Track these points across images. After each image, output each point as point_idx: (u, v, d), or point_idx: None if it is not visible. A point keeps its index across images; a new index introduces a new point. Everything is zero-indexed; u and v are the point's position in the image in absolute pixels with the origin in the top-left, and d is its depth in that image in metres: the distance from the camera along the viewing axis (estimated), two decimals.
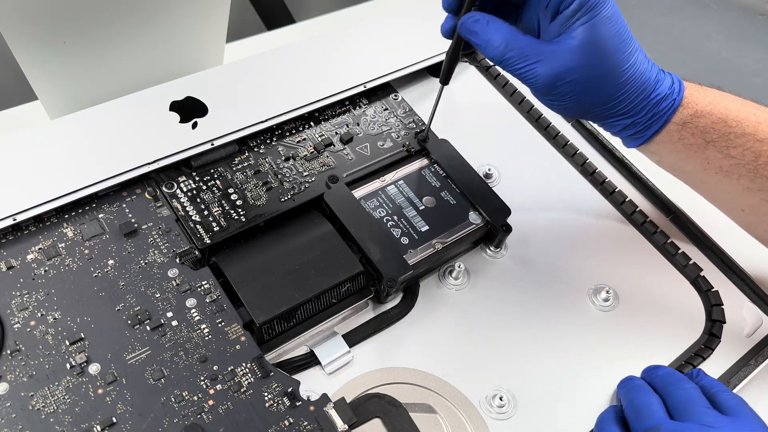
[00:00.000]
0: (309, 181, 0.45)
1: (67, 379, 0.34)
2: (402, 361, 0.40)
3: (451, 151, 0.47)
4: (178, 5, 0.48)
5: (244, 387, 0.35)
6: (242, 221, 0.42)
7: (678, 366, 0.41)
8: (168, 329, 0.36)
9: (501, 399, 0.39)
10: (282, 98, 0.48)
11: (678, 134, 0.38)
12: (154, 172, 0.43)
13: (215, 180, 0.44)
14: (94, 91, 0.49)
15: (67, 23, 0.44)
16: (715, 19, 0.76)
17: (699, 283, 0.45)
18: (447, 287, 0.44)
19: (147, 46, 0.50)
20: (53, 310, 0.36)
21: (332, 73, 0.50)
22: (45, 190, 0.40)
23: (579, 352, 0.42)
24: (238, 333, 0.37)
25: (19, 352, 0.35)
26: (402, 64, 0.52)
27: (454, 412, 0.38)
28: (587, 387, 0.40)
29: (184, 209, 0.42)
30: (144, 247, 0.40)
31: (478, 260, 0.46)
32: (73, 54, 0.46)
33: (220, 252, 0.41)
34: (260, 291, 0.38)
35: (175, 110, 0.46)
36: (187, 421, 0.33)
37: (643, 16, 0.75)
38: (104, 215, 0.41)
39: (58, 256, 0.39)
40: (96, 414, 0.33)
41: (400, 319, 0.42)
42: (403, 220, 0.44)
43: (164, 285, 0.38)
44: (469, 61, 0.57)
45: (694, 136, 0.37)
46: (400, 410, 0.37)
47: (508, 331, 0.42)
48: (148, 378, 0.34)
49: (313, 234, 0.42)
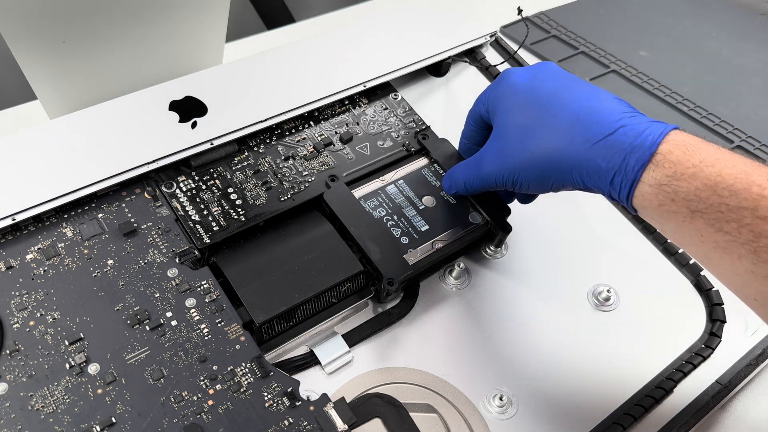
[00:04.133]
0: (309, 181, 0.45)
1: (67, 379, 0.34)
2: (402, 361, 0.40)
3: (451, 151, 0.47)
4: (178, 5, 0.48)
5: (243, 387, 0.35)
6: (242, 221, 0.42)
7: (678, 366, 0.41)
8: (167, 329, 0.36)
9: (501, 399, 0.39)
10: (281, 98, 0.47)
11: (656, 198, 0.31)
12: (153, 171, 0.43)
13: (215, 180, 0.44)
14: (94, 91, 0.49)
15: (67, 22, 0.44)
16: (715, 18, 0.76)
17: (700, 282, 0.45)
18: (447, 287, 0.44)
19: (146, 45, 0.50)
20: (52, 310, 0.36)
21: (332, 73, 0.50)
22: (44, 189, 0.40)
23: (579, 352, 0.42)
24: (238, 333, 0.37)
25: (18, 352, 0.35)
26: (402, 63, 0.52)
27: (454, 412, 0.38)
28: (587, 387, 0.40)
29: (183, 209, 0.42)
30: (143, 247, 0.40)
31: (478, 260, 0.46)
32: (73, 53, 0.46)
33: (220, 252, 0.41)
34: (260, 291, 0.38)
35: (175, 110, 0.46)
36: (187, 421, 0.33)
37: (643, 16, 0.75)
38: (103, 215, 0.41)
39: (57, 256, 0.39)
40: (95, 414, 0.33)
41: (400, 319, 0.42)
42: (403, 220, 0.44)
43: (164, 285, 0.38)
44: (470, 62, 0.57)
45: (675, 203, 0.30)
46: (400, 410, 0.37)
47: (508, 331, 0.42)
48: (147, 378, 0.34)
49: (313, 234, 0.42)
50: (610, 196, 0.33)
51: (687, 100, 0.64)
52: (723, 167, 0.29)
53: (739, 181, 0.28)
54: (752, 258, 0.28)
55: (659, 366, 0.41)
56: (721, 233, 0.29)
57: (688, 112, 0.62)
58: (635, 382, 0.41)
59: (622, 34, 0.72)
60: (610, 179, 0.31)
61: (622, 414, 0.39)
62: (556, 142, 0.33)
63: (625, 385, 0.40)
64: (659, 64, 0.68)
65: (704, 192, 0.29)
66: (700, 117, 0.62)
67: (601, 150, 0.32)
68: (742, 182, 0.28)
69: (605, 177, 0.32)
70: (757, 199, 0.28)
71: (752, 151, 0.59)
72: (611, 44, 0.70)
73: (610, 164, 0.31)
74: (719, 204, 0.29)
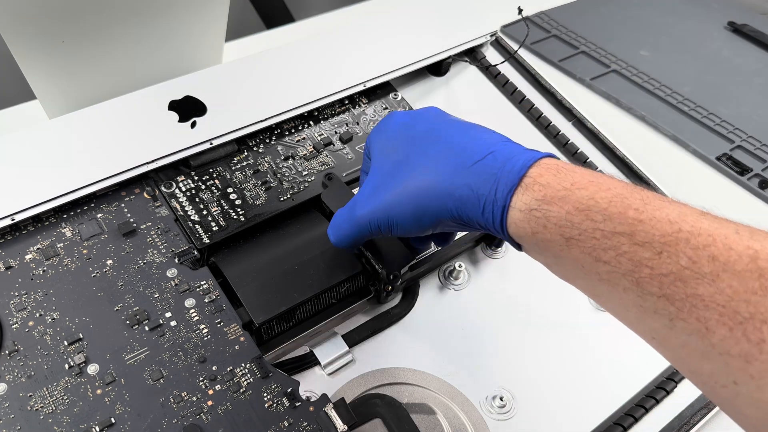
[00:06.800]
0: (308, 181, 0.45)
1: (66, 380, 0.34)
2: (402, 361, 0.40)
3: None
4: (178, 4, 0.48)
5: (243, 387, 0.35)
6: (241, 221, 0.42)
7: None
8: (167, 329, 0.36)
9: (501, 399, 0.38)
10: (281, 97, 0.47)
11: (528, 225, 0.28)
12: (152, 171, 0.43)
13: (214, 179, 0.44)
14: (93, 90, 0.49)
15: (66, 22, 0.44)
16: (716, 18, 0.76)
17: None
18: (447, 287, 0.44)
19: (146, 45, 0.50)
20: (52, 310, 0.36)
21: (332, 72, 0.50)
22: (43, 189, 0.40)
23: (579, 352, 0.42)
24: (237, 333, 0.37)
25: (17, 352, 0.34)
26: (402, 63, 0.52)
27: (454, 412, 0.38)
28: (587, 387, 0.40)
29: (182, 209, 0.42)
30: (143, 247, 0.40)
31: (478, 260, 0.46)
32: (72, 53, 0.46)
33: (219, 252, 0.41)
34: (259, 291, 0.38)
35: (174, 109, 0.45)
36: (186, 421, 0.33)
37: (643, 16, 0.75)
38: (103, 215, 0.41)
39: (56, 256, 0.38)
40: (95, 414, 0.33)
41: (400, 319, 0.42)
42: None
43: (163, 285, 0.38)
44: (470, 61, 0.57)
45: (547, 229, 0.28)
46: (400, 410, 0.37)
47: (509, 331, 0.42)
48: (146, 378, 0.34)
49: (312, 234, 0.42)
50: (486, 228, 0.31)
51: (687, 100, 0.64)
52: (596, 190, 0.27)
53: (613, 204, 0.26)
54: (636, 291, 0.25)
55: (660, 366, 0.41)
56: (600, 263, 0.26)
57: (689, 112, 0.62)
58: (635, 382, 0.40)
59: (622, 33, 0.72)
60: (481, 208, 0.30)
61: (623, 414, 0.39)
62: (428, 172, 0.32)
63: (625, 385, 0.40)
64: (660, 64, 0.68)
65: (576, 217, 0.27)
66: (700, 117, 0.62)
67: (472, 176, 0.30)
68: (616, 206, 0.26)
69: (477, 205, 0.30)
70: (633, 224, 0.25)
71: (752, 151, 0.59)
72: (612, 44, 0.70)
73: (481, 190, 0.30)
74: (593, 230, 0.26)
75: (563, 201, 0.27)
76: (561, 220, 0.27)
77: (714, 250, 0.23)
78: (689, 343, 0.24)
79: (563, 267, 0.29)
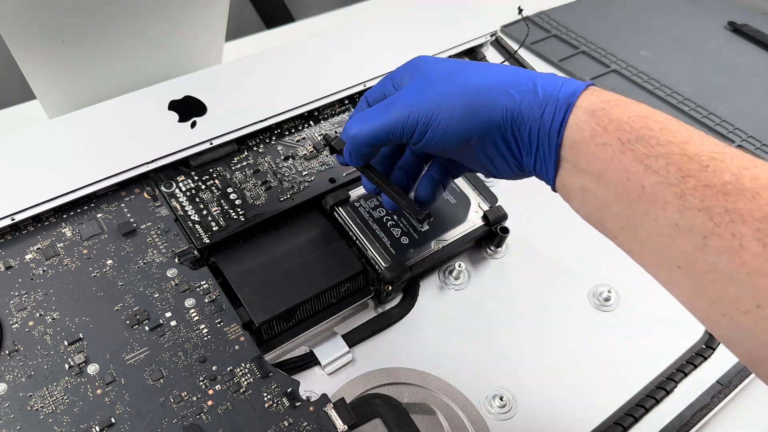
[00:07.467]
0: (308, 181, 0.45)
1: (66, 380, 0.34)
2: (402, 361, 0.40)
3: None
4: (178, 4, 0.48)
5: (243, 387, 0.35)
6: (241, 221, 0.42)
7: (679, 366, 0.41)
8: (167, 329, 0.36)
9: (501, 399, 0.38)
10: (281, 97, 0.47)
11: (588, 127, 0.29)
12: (152, 171, 0.43)
13: (214, 179, 0.44)
14: (93, 90, 0.49)
15: (66, 22, 0.44)
16: (715, 18, 0.76)
17: None
18: (447, 287, 0.44)
19: (146, 44, 0.50)
20: (52, 310, 0.36)
21: (332, 72, 0.50)
22: (43, 189, 0.40)
23: (579, 352, 0.42)
24: (237, 333, 0.37)
25: (17, 352, 0.34)
26: (401, 62, 0.52)
27: (454, 412, 0.38)
28: (587, 387, 0.40)
29: (183, 209, 0.42)
30: (143, 247, 0.40)
31: (478, 260, 0.46)
32: (72, 53, 0.46)
33: (219, 252, 0.41)
34: (259, 291, 0.38)
35: (174, 109, 0.45)
36: (186, 421, 0.33)
37: (643, 16, 0.75)
38: (103, 215, 0.41)
39: (56, 256, 0.38)
40: (95, 414, 0.33)
41: (400, 319, 0.42)
42: (403, 220, 0.43)
43: (163, 285, 0.38)
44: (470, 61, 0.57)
45: (607, 132, 0.29)
46: (400, 410, 0.37)
47: (509, 331, 0.42)
48: (146, 378, 0.34)
49: (312, 234, 0.42)
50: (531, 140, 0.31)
51: (687, 99, 0.64)
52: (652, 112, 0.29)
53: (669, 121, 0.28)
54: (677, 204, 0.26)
55: (660, 366, 0.41)
56: (649, 172, 0.27)
57: (689, 112, 0.62)
58: (635, 382, 0.40)
59: (622, 33, 0.72)
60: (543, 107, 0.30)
61: (623, 414, 0.39)
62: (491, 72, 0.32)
63: (625, 385, 0.40)
64: (660, 64, 0.68)
65: (636, 122, 0.28)
66: (700, 117, 0.62)
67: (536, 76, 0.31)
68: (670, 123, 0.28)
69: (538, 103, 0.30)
70: (685, 140, 0.27)
71: (753, 150, 0.59)
72: (612, 44, 0.70)
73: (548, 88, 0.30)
74: (650, 137, 0.28)
75: (626, 107, 0.29)
76: (622, 123, 0.28)
77: (756, 171, 0.25)
78: (718, 265, 0.25)
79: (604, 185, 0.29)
